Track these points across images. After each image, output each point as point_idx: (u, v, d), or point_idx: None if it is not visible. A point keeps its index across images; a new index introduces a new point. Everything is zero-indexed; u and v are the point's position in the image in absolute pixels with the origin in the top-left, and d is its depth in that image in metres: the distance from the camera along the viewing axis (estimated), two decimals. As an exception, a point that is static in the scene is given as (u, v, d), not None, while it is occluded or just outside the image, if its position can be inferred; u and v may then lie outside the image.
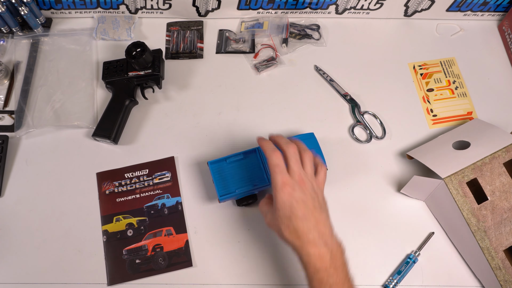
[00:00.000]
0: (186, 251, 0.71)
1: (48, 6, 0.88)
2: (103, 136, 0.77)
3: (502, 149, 0.68)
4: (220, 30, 0.92)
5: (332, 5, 0.90)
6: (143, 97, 0.83)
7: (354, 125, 0.83)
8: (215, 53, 0.89)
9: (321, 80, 0.88)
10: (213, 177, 0.71)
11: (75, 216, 0.73)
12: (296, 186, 0.57)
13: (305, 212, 0.56)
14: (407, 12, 0.93)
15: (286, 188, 0.56)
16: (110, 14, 0.91)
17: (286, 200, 0.56)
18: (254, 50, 0.89)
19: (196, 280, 0.70)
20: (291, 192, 0.56)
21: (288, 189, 0.56)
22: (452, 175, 0.66)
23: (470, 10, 0.93)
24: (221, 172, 0.72)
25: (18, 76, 0.84)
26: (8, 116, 0.81)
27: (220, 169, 0.72)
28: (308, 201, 0.57)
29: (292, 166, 0.58)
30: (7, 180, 0.76)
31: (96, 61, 0.87)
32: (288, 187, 0.56)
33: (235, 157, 0.72)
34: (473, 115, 0.85)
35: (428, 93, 0.87)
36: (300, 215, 0.55)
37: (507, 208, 0.66)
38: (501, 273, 0.66)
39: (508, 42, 0.91)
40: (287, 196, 0.56)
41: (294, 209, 0.56)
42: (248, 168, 0.72)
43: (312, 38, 0.91)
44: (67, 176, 0.76)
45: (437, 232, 0.74)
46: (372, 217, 0.75)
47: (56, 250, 0.71)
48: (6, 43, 0.87)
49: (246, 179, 0.71)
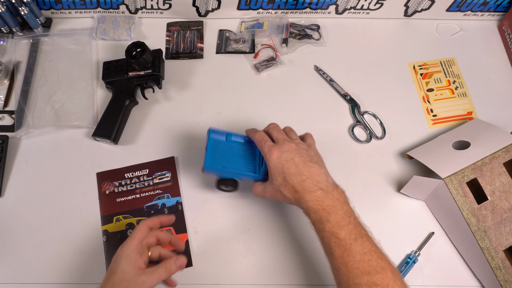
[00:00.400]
0: (186, 251, 0.71)
1: (48, 6, 0.88)
2: (103, 136, 0.77)
3: (502, 149, 0.68)
4: (220, 30, 0.92)
5: (332, 5, 0.90)
6: (143, 97, 0.83)
7: (354, 125, 0.83)
8: (215, 53, 0.89)
9: (321, 80, 0.88)
10: (208, 145, 0.67)
11: (75, 216, 0.73)
12: (283, 148, 0.61)
13: (296, 168, 0.59)
14: (407, 12, 0.93)
15: (274, 152, 0.60)
16: (110, 14, 0.91)
17: (277, 163, 0.60)
18: (254, 50, 0.89)
19: (196, 280, 0.70)
20: (279, 154, 0.60)
21: (275, 153, 0.60)
22: (452, 175, 0.66)
23: (470, 10, 0.93)
24: (217, 146, 0.68)
25: (18, 76, 0.84)
26: (8, 116, 0.81)
27: (217, 143, 0.68)
28: (296, 158, 0.60)
29: (275, 135, 0.64)
30: (7, 180, 0.76)
31: (96, 61, 0.87)
32: (275, 151, 0.60)
33: (237, 138, 0.70)
34: (473, 115, 0.85)
35: (428, 93, 0.87)
36: (292, 172, 0.59)
37: (507, 208, 0.66)
38: (501, 273, 0.66)
39: (508, 42, 0.91)
40: (276, 160, 0.60)
41: (285, 168, 0.59)
42: (244, 154, 0.69)
43: (312, 38, 0.91)
44: (67, 176, 0.76)
45: (437, 232, 0.74)
46: (372, 217, 0.75)
47: (56, 250, 0.71)
48: (6, 43, 0.87)
49: (238, 162, 0.68)
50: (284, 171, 0.59)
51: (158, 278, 0.56)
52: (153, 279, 0.55)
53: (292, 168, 0.59)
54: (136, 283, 0.53)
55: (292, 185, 0.59)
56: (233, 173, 0.67)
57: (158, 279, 0.56)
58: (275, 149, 0.61)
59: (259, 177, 0.67)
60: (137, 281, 0.53)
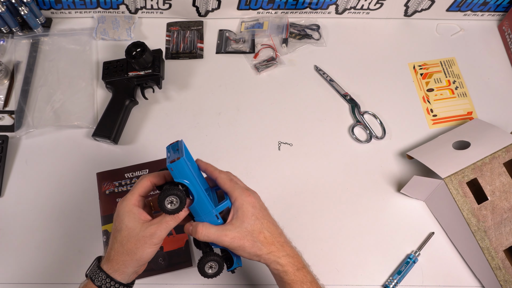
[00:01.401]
0: (186, 251, 0.71)
1: (48, 6, 0.88)
2: (103, 136, 0.77)
3: (502, 149, 0.68)
4: (220, 30, 0.92)
5: (332, 5, 0.90)
6: (143, 97, 0.83)
7: (354, 125, 0.83)
8: (215, 53, 0.89)
9: (321, 80, 0.88)
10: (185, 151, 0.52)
11: (75, 216, 0.73)
12: (256, 196, 0.55)
13: (271, 218, 0.55)
14: (407, 12, 0.93)
15: (251, 196, 0.54)
16: (110, 14, 0.91)
17: (254, 207, 0.53)
18: (254, 50, 0.89)
19: (196, 280, 0.70)
20: (255, 199, 0.54)
21: (252, 198, 0.54)
22: (452, 175, 0.66)
23: (470, 10, 0.93)
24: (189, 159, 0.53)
25: (18, 76, 0.84)
26: (8, 116, 0.81)
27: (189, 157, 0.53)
28: (267, 210, 0.56)
29: (241, 184, 0.57)
30: (7, 180, 0.76)
31: (96, 61, 0.87)
32: (252, 196, 0.54)
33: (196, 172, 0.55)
34: (473, 115, 0.85)
35: (428, 93, 0.87)
36: (270, 220, 0.55)
37: (507, 208, 0.66)
38: (501, 273, 0.66)
39: (508, 42, 0.91)
40: (254, 203, 0.54)
41: (262, 214, 0.54)
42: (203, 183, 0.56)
43: (312, 38, 0.91)
44: (67, 176, 0.76)
45: (437, 232, 0.74)
46: (372, 217, 0.75)
47: (56, 250, 0.71)
48: (6, 43, 0.87)
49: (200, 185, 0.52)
50: (262, 217, 0.54)
51: (166, 226, 0.51)
52: (162, 229, 0.50)
53: (269, 217, 0.55)
54: (145, 237, 0.49)
55: (271, 234, 0.53)
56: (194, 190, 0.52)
57: (167, 228, 0.51)
58: (252, 194, 0.54)
59: (213, 212, 0.54)
60: (145, 235, 0.49)
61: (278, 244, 0.54)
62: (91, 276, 0.50)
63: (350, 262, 0.72)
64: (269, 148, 0.80)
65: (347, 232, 0.74)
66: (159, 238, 0.50)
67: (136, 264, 0.51)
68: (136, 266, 0.51)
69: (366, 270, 0.72)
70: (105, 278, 0.50)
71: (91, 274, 0.51)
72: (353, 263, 0.72)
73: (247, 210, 0.53)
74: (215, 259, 0.54)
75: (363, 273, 0.71)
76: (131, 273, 0.51)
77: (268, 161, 0.79)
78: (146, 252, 0.50)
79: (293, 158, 0.80)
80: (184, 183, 0.50)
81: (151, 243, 0.50)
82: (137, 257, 0.50)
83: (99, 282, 0.49)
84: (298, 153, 0.80)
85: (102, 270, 0.50)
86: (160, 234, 0.50)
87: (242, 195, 0.53)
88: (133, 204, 0.52)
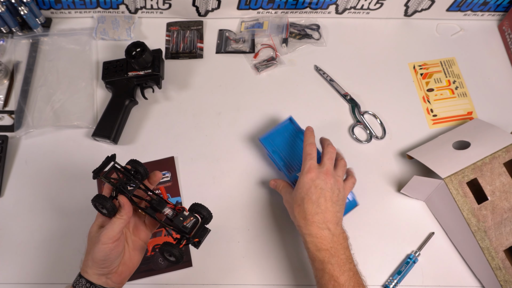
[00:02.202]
0: (186, 251, 0.71)
1: (48, 6, 0.88)
2: (103, 136, 0.77)
3: (502, 149, 0.68)
4: (220, 30, 0.91)
5: (332, 5, 0.90)
6: (143, 97, 0.83)
7: (354, 125, 0.83)
8: (215, 53, 0.89)
9: (321, 80, 0.88)
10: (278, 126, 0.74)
11: (75, 216, 0.73)
12: (321, 175, 0.62)
13: (319, 198, 0.60)
14: (407, 12, 0.93)
15: (312, 173, 0.62)
16: (110, 14, 0.91)
17: (307, 182, 0.61)
18: (254, 50, 0.89)
19: (196, 280, 0.70)
20: (314, 177, 0.62)
21: (312, 174, 0.62)
22: (452, 175, 0.66)
23: (470, 10, 0.93)
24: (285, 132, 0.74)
25: (18, 76, 0.84)
26: (8, 116, 0.81)
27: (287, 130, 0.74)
28: (326, 191, 0.61)
29: (325, 161, 0.64)
30: (7, 180, 0.76)
31: (96, 61, 0.87)
32: (313, 173, 0.62)
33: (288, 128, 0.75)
34: (473, 115, 0.85)
35: (428, 93, 0.87)
36: (313, 199, 0.60)
37: (507, 208, 0.66)
38: (501, 273, 0.66)
39: (508, 42, 0.91)
40: (309, 180, 0.61)
41: (310, 192, 0.61)
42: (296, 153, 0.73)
43: (312, 38, 0.91)
44: (67, 176, 0.76)
45: (437, 232, 0.74)
46: (372, 217, 0.75)
47: (56, 250, 0.71)
48: (6, 43, 0.87)
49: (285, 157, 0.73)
50: (307, 193, 0.61)
51: (112, 226, 0.56)
52: (108, 228, 0.56)
53: (315, 196, 0.61)
54: (96, 237, 0.57)
55: (305, 210, 0.60)
56: (275, 160, 0.73)
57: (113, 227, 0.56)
58: (314, 171, 0.62)
59: (289, 178, 0.71)
60: (97, 235, 0.57)
61: (307, 222, 0.60)
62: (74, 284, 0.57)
63: (350, 262, 0.72)
64: (269, 148, 0.80)
65: (347, 232, 0.74)
66: (106, 236, 0.55)
67: (94, 263, 0.56)
68: (96, 266, 0.56)
69: (366, 270, 0.71)
70: (77, 278, 0.56)
71: (74, 283, 0.57)
72: (353, 263, 0.72)
73: (299, 183, 0.63)
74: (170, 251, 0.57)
75: (363, 273, 0.71)
76: (95, 274, 0.56)
77: (268, 161, 0.79)
78: (97, 251, 0.55)
79: (293, 158, 0.80)
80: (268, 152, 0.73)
81: (101, 242, 0.55)
82: (92, 257, 0.56)
83: (74, 284, 0.56)
84: (298, 153, 0.80)
85: (80, 275, 0.57)
86: (106, 233, 0.55)
87: (305, 170, 0.63)
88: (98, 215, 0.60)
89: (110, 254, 0.56)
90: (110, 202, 0.57)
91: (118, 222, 0.56)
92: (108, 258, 0.56)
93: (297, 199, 0.62)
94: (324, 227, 0.59)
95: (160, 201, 0.59)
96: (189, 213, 0.58)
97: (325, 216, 0.60)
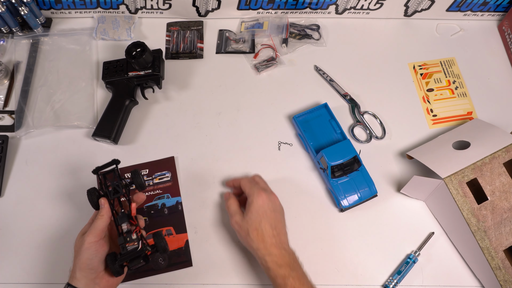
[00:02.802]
0: (186, 251, 0.71)
1: (48, 6, 0.88)
2: (103, 136, 0.77)
3: (502, 149, 0.68)
4: (220, 30, 0.92)
5: (332, 5, 0.90)
6: (143, 97, 0.83)
7: (354, 125, 0.83)
8: (215, 53, 0.89)
9: (321, 80, 0.88)
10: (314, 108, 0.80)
11: (75, 216, 0.73)
12: (271, 197, 0.66)
13: (274, 221, 0.64)
14: (407, 12, 0.93)
15: (263, 195, 0.65)
16: (110, 14, 0.91)
17: (261, 206, 0.64)
18: (254, 50, 0.89)
19: (196, 280, 0.70)
20: (267, 201, 0.65)
21: (264, 197, 0.65)
22: (452, 175, 0.66)
23: (470, 10, 0.93)
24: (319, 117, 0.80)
25: (18, 76, 0.84)
26: (8, 116, 0.81)
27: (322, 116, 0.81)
28: (277, 213, 0.66)
29: (263, 185, 0.70)
30: (7, 180, 0.76)
31: (96, 61, 0.87)
32: (264, 195, 0.65)
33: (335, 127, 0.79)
34: (473, 115, 0.85)
35: (428, 93, 0.87)
36: (271, 222, 0.64)
37: (507, 208, 0.66)
38: (501, 273, 0.66)
39: (508, 42, 0.91)
40: (262, 202, 0.64)
41: (266, 215, 0.64)
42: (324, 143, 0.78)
43: (312, 38, 0.91)
44: (67, 176, 0.76)
45: (437, 232, 0.74)
46: (372, 217, 0.75)
47: (56, 250, 0.71)
48: (6, 43, 0.87)
49: (311, 139, 0.78)
50: (264, 216, 0.64)
51: (93, 225, 0.60)
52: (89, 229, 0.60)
53: (271, 219, 0.64)
54: (79, 240, 0.60)
55: (263, 233, 0.63)
56: (305, 140, 0.77)
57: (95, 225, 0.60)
58: (265, 194, 0.66)
59: (315, 158, 0.76)
60: (81, 240, 0.60)
61: (266, 244, 0.62)
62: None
63: (350, 262, 0.72)
64: (269, 148, 0.80)
65: (347, 232, 0.74)
66: (91, 234, 0.59)
67: (81, 267, 0.58)
68: (83, 270, 0.58)
69: (366, 270, 0.72)
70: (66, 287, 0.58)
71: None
72: (353, 263, 0.72)
73: (254, 207, 0.64)
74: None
75: (363, 273, 0.71)
76: (82, 278, 0.58)
77: (268, 161, 0.79)
78: (82, 253, 0.58)
79: (293, 158, 0.80)
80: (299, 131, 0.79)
81: (86, 242, 0.58)
82: (77, 261, 0.58)
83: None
84: (298, 153, 0.80)
85: (68, 284, 0.59)
86: (90, 233, 0.59)
87: (256, 194, 0.65)
88: (86, 224, 0.64)
89: (97, 253, 0.58)
90: (96, 197, 0.63)
91: (99, 221, 0.60)
92: (94, 257, 0.58)
93: (253, 223, 0.63)
94: (281, 247, 0.63)
95: (124, 216, 0.62)
96: (137, 238, 0.60)
97: (281, 238, 0.64)
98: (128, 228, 0.61)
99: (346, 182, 0.73)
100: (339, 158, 0.72)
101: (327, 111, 0.81)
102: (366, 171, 0.75)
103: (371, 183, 0.74)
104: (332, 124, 0.79)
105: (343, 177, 0.73)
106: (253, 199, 0.65)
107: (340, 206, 0.73)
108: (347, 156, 0.72)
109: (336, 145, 0.73)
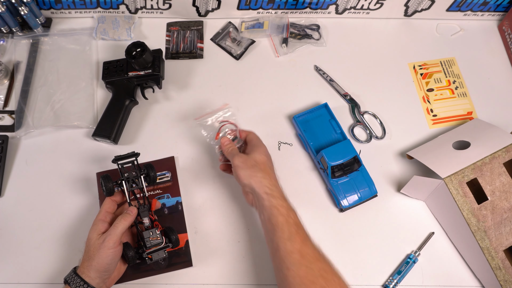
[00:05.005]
0: (186, 251, 0.71)
1: (48, 6, 0.88)
2: (103, 136, 0.77)
3: (502, 149, 0.68)
4: (229, 22, 0.92)
5: (332, 5, 0.90)
6: (143, 97, 0.83)
7: (354, 125, 0.83)
8: (209, 39, 0.90)
9: (321, 80, 0.88)
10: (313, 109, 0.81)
11: (75, 216, 0.73)
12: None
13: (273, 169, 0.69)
14: (407, 12, 0.93)
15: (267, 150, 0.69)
16: (110, 14, 0.91)
17: (266, 152, 0.68)
18: (239, 58, 0.88)
19: (196, 280, 0.70)
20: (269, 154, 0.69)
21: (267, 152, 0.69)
22: (452, 175, 0.66)
23: (470, 10, 0.93)
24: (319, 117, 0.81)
25: (18, 76, 0.84)
26: (8, 116, 0.81)
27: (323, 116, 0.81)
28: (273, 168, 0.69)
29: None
30: (7, 180, 0.76)
31: (96, 61, 0.87)
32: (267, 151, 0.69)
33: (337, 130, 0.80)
34: (473, 115, 0.85)
35: (428, 93, 0.87)
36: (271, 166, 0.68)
37: (507, 208, 0.66)
38: (501, 273, 0.66)
39: (508, 42, 0.91)
40: (267, 151, 0.69)
41: (270, 159, 0.68)
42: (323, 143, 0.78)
43: (312, 38, 0.91)
44: (67, 176, 0.76)
45: (437, 232, 0.74)
46: (372, 217, 0.75)
47: (56, 250, 0.71)
48: (6, 43, 0.87)
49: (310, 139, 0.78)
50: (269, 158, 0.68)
51: (115, 230, 0.61)
52: (111, 233, 0.61)
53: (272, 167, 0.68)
54: (99, 243, 0.60)
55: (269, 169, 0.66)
56: (304, 139, 0.78)
57: (115, 231, 0.61)
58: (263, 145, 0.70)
59: (316, 158, 0.76)
60: (99, 242, 0.60)
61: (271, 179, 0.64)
62: (68, 280, 0.60)
63: (350, 262, 0.72)
64: (269, 148, 0.80)
65: (347, 232, 0.74)
66: (110, 241, 0.60)
67: (97, 269, 0.59)
68: (98, 271, 0.59)
69: (366, 270, 0.72)
70: (79, 281, 0.58)
71: (67, 278, 0.60)
72: (353, 263, 0.72)
73: (262, 149, 0.68)
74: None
75: (363, 273, 0.71)
76: (96, 278, 0.59)
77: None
78: (102, 257, 0.59)
79: (293, 158, 0.80)
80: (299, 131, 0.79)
81: (107, 247, 0.59)
82: (94, 263, 0.59)
83: (74, 285, 0.58)
84: (298, 153, 0.80)
85: (77, 274, 0.59)
86: (111, 238, 0.60)
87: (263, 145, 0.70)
88: (98, 219, 0.64)
89: (116, 258, 0.60)
90: (111, 184, 0.65)
91: (122, 225, 0.62)
92: (113, 262, 0.60)
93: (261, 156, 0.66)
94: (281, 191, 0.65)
95: (145, 210, 0.66)
96: (159, 233, 0.65)
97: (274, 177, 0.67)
98: (149, 222, 0.66)
99: (346, 182, 0.73)
100: (339, 158, 0.72)
101: (327, 111, 0.81)
102: (366, 171, 0.75)
103: (371, 183, 0.74)
104: (332, 124, 0.80)
105: (343, 177, 0.73)
106: (261, 145, 0.69)
107: (340, 206, 0.73)
108: (347, 156, 0.72)
109: (336, 145, 0.73)
